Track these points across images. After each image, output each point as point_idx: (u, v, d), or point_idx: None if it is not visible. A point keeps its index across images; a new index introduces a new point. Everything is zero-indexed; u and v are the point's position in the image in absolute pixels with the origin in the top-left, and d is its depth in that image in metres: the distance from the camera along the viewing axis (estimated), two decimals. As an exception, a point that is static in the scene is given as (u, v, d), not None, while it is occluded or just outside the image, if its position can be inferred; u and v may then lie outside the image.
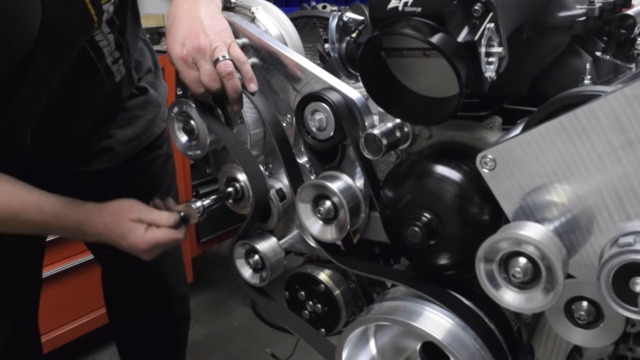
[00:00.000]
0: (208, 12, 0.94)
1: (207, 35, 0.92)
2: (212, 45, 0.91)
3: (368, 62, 0.71)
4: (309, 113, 0.86)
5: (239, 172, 0.97)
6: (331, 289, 1.00)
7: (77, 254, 2.02)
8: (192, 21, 0.93)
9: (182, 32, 0.93)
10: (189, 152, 0.99)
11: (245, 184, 0.97)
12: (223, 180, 1.00)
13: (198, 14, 0.93)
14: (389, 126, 0.81)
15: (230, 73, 0.91)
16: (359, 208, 0.84)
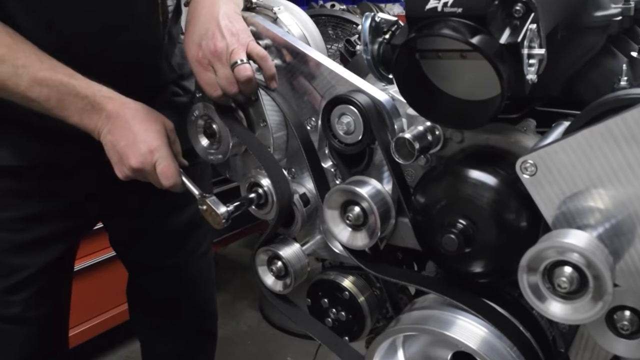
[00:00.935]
0: (227, 12, 0.92)
1: (224, 37, 0.89)
2: (229, 48, 0.89)
3: (403, 65, 0.69)
4: (336, 116, 0.84)
5: (262, 177, 0.94)
6: (356, 296, 0.98)
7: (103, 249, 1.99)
8: (210, 21, 0.91)
9: (199, 32, 0.91)
10: (210, 157, 0.97)
11: (268, 189, 0.94)
12: (246, 186, 0.97)
13: (216, 13, 0.91)
14: (420, 129, 0.79)
15: (248, 79, 0.88)
16: (389, 213, 0.82)
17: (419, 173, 0.86)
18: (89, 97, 0.96)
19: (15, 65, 0.94)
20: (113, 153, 0.96)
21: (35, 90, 0.94)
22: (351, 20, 2.03)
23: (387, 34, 0.73)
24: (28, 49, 0.96)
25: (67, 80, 0.95)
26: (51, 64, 0.96)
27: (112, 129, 0.95)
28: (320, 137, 0.92)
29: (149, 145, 0.94)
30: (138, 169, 0.95)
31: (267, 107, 0.92)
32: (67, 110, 0.96)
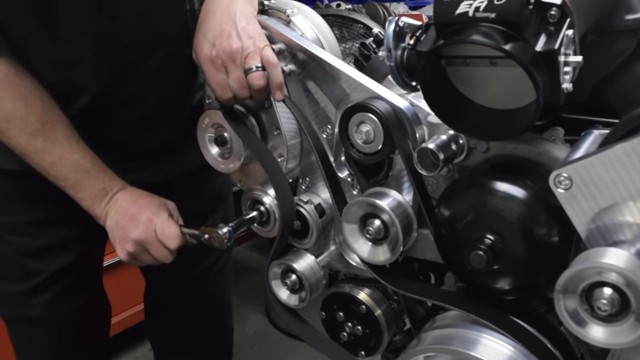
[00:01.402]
0: (244, 13, 0.88)
1: (240, 39, 0.86)
2: (245, 51, 0.85)
3: (429, 73, 0.65)
4: (355, 124, 0.80)
5: (264, 194, 0.91)
6: (372, 309, 0.94)
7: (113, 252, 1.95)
8: (227, 20, 0.87)
9: (213, 31, 0.87)
10: (221, 166, 0.93)
11: (270, 207, 0.90)
12: (247, 203, 0.94)
13: (234, 13, 0.88)
14: (444, 139, 0.75)
15: (261, 88, 0.86)
16: (411, 226, 0.78)
17: (440, 183, 0.82)
18: (104, 186, 1.00)
19: (46, 142, 0.96)
20: (117, 231, 0.99)
21: (57, 168, 0.98)
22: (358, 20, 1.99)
23: (411, 40, 0.69)
24: (59, 128, 0.97)
25: (89, 166, 0.99)
26: (78, 147, 0.98)
27: (117, 211, 0.99)
28: (337, 146, 0.88)
29: (148, 214, 0.97)
30: (139, 240, 0.97)
31: (281, 114, 0.89)
32: (81, 193, 1.00)
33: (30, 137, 0.96)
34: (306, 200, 0.90)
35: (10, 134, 0.96)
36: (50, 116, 0.97)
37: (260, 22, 0.89)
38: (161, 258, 0.99)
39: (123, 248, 1.00)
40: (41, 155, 0.97)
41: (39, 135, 0.96)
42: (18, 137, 0.96)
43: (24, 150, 0.97)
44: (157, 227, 0.97)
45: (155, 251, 0.98)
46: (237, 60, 0.86)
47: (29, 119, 0.95)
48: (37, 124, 0.95)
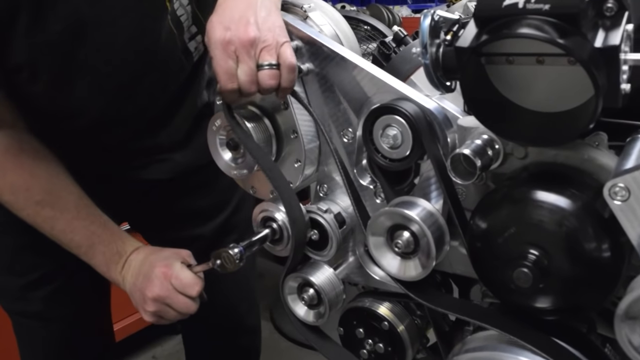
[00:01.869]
0: (266, 3, 0.80)
1: (259, 29, 0.77)
2: (262, 43, 0.77)
3: (472, 72, 0.59)
4: (380, 128, 0.74)
5: (275, 210, 0.85)
6: (395, 325, 0.88)
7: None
8: (246, 7, 0.79)
9: (231, 16, 0.79)
10: (234, 171, 0.87)
11: (283, 224, 0.84)
12: (258, 220, 0.87)
13: (255, 1, 0.80)
14: (479, 143, 0.69)
15: (271, 87, 0.78)
16: (443, 238, 0.72)
17: (470, 192, 0.76)
18: (118, 250, 0.98)
19: (54, 210, 0.95)
20: (135, 294, 0.97)
21: (68, 236, 0.97)
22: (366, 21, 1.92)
23: (447, 35, 0.63)
24: (66, 195, 0.97)
25: (100, 231, 0.98)
26: (88, 212, 0.98)
27: (132, 273, 0.98)
28: (358, 151, 0.82)
29: (161, 268, 0.95)
30: (157, 297, 0.94)
31: (299, 115, 0.82)
32: (94, 259, 0.99)
33: (38, 207, 0.95)
34: (325, 209, 0.84)
35: (18, 205, 0.96)
36: (56, 184, 0.97)
37: None
38: (185, 309, 0.96)
39: (144, 310, 0.97)
40: (51, 223, 0.96)
41: (46, 204, 0.96)
42: (26, 208, 0.96)
43: (33, 220, 0.97)
44: (173, 279, 0.94)
45: (177, 304, 0.95)
46: (252, 51, 0.78)
47: (34, 189, 0.95)
48: (43, 193, 0.95)
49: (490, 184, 0.74)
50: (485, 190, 0.75)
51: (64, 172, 0.99)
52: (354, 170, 0.83)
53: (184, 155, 1.11)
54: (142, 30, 0.96)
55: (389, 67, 0.90)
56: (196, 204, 1.14)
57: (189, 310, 0.96)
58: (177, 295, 0.94)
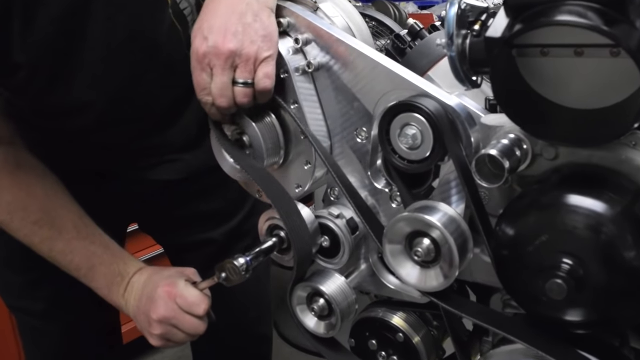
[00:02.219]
0: (254, 8, 0.74)
1: (239, 39, 0.72)
2: (239, 58, 0.73)
3: (505, 65, 0.53)
4: (398, 127, 0.69)
5: None
6: (410, 337, 0.83)
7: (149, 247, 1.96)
8: (230, 13, 0.74)
9: (211, 24, 0.74)
10: (239, 175, 0.82)
11: None
12: (265, 229, 0.82)
13: (238, 3, 0.74)
14: (506, 144, 0.64)
15: (245, 105, 0.75)
16: (466, 246, 0.67)
17: (494, 195, 0.71)
18: (120, 271, 0.94)
19: (52, 230, 0.92)
20: (139, 317, 0.93)
21: (67, 257, 0.93)
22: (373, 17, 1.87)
23: (475, 25, 0.58)
24: (65, 215, 0.93)
25: (101, 252, 0.94)
26: (88, 232, 0.94)
27: (135, 296, 0.94)
28: (373, 151, 0.77)
29: (164, 288, 0.90)
30: (162, 319, 0.90)
31: (309, 114, 0.77)
32: (95, 282, 0.95)
33: (35, 227, 0.92)
34: (337, 214, 0.79)
35: (14, 226, 0.93)
36: (55, 203, 0.93)
37: (284, 9, 0.77)
38: (193, 330, 0.91)
39: (150, 333, 0.92)
40: (49, 245, 0.93)
41: (43, 224, 0.92)
42: (23, 229, 0.93)
43: (30, 241, 0.93)
44: (178, 299, 0.90)
45: (184, 325, 0.90)
46: (228, 64, 0.73)
47: (31, 208, 0.91)
48: (41, 213, 0.92)
49: (516, 188, 0.69)
50: (511, 194, 0.70)
51: (63, 191, 0.96)
52: (367, 172, 0.78)
53: (196, 156, 1.07)
54: (141, 26, 0.91)
55: (404, 63, 0.85)
56: (208, 207, 1.09)
57: (198, 331, 0.91)
58: (184, 315, 0.89)
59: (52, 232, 0.92)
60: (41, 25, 0.82)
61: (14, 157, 0.92)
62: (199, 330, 0.91)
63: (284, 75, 0.77)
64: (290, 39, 0.78)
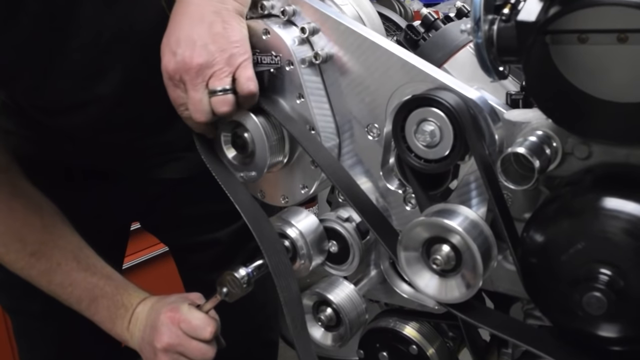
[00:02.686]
0: (223, 16, 0.68)
1: (208, 51, 0.67)
2: (211, 68, 0.68)
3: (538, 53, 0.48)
4: (414, 123, 0.63)
5: (287, 225, 0.74)
6: (424, 349, 0.77)
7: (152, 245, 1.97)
8: (196, 23, 0.68)
9: (178, 36, 0.69)
10: (240, 174, 0.76)
11: (297, 240, 0.73)
12: None
13: (208, 12, 0.68)
14: (534, 141, 0.58)
15: (227, 114, 0.70)
16: (490, 252, 0.61)
17: (518, 198, 0.65)
18: (123, 303, 0.90)
19: (49, 262, 0.88)
20: (144, 349, 0.88)
21: (67, 290, 0.89)
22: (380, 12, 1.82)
23: (504, 8, 0.52)
24: (63, 245, 0.89)
25: (102, 283, 0.90)
26: (88, 264, 0.90)
27: (139, 327, 0.89)
28: (386, 149, 0.71)
29: (167, 314, 0.85)
30: (167, 347, 0.85)
31: (316, 110, 0.71)
32: (98, 315, 0.90)
33: (33, 259, 0.88)
34: (345, 217, 0.73)
35: (9, 258, 0.88)
36: (52, 233, 0.89)
37: None
38: (200, 356, 0.85)
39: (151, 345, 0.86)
40: (47, 277, 0.89)
41: (41, 256, 0.88)
42: (19, 261, 0.88)
43: (27, 274, 0.89)
44: (182, 324, 0.84)
45: (191, 351, 0.84)
46: (199, 78, 0.68)
47: (27, 239, 0.87)
48: (38, 244, 0.88)
49: (542, 189, 0.64)
50: (536, 197, 0.65)
51: (62, 221, 0.91)
52: (379, 172, 0.72)
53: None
54: (132, 27, 0.85)
55: (417, 55, 0.79)
56: (213, 206, 1.04)
57: (206, 357, 0.85)
58: (189, 340, 0.84)
59: (49, 263, 0.88)
60: (23, 24, 0.77)
61: (9, 186, 0.88)
62: (207, 356, 0.85)
63: (288, 67, 0.71)
64: (296, 28, 0.72)
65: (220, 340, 0.88)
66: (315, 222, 0.74)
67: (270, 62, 0.72)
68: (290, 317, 0.70)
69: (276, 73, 0.72)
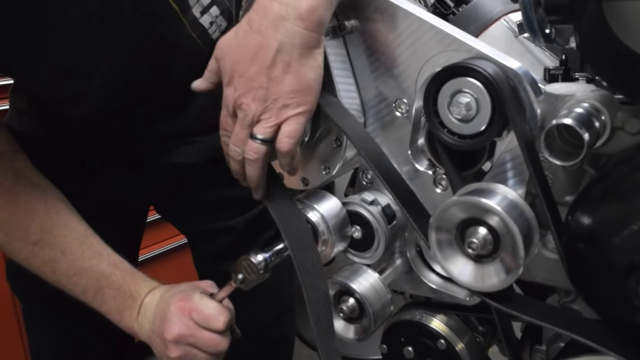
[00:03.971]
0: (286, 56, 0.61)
1: (260, 96, 0.62)
2: (259, 114, 0.63)
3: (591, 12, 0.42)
4: (448, 95, 0.58)
5: (308, 208, 0.69)
6: (453, 344, 0.72)
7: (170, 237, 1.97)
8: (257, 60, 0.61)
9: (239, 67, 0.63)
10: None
11: (318, 224, 0.68)
12: None
13: (269, 49, 0.61)
14: (581, 112, 0.52)
15: (254, 160, 0.66)
16: (532, 236, 0.55)
17: (559, 178, 0.60)
18: (131, 292, 0.86)
19: (54, 251, 0.85)
20: (154, 341, 0.84)
21: (72, 279, 0.86)
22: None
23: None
24: (68, 234, 0.86)
25: (109, 272, 0.86)
26: (94, 252, 0.87)
27: (148, 318, 0.85)
28: (415, 127, 0.66)
29: (177, 303, 0.81)
30: (177, 338, 0.80)
31: (340, 85, 0.66)
32: (105, 306, 0.87)
33: (36, 248, 0.85)
34: (370, 200, 0.68)
35: (12, 247, 0.86)
36: (56, 221, 0.86)
37: None
38: (214, 347, 0.80)
39: (167, 357, 0.82)
40: (52, 267, 0.85)
41: (45, 244, 0.85)
42: (23, 250, 0.86)
43: (32, 264, 0.86)
44: (193, 313, 0.80)
45: (203, 342, 0.80)
46: (248, 118, 0.64)
47: (30, 228, 0.85)
48: (41, 232, 0.85)
49: (587, 169, 0.58)
50: (580, 178, 0.59)
51: (66, 207, 0.88)
52: (407, 152, 0.67)
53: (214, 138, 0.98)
54: (118, 12, 0.81)
55: (454, 21, 0.75)
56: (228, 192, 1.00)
57: (219, 348, 0.80)
58: (201, 331, 0.79)
59: (53, 252, 0.85)
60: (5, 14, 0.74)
61: (13, 174, 0.86)
62: (220, 347, 0.80)
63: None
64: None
65: (235, 330, 0.83)
66: (338, 205, 0.69)
67: (291, 33, 0.67)
68: (315, 318, 0.65)
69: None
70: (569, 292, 0.66)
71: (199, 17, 0.87)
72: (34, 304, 1.08)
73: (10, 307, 1.73)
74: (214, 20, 0.88)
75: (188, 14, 0.86)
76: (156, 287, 0.87)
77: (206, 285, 0.85)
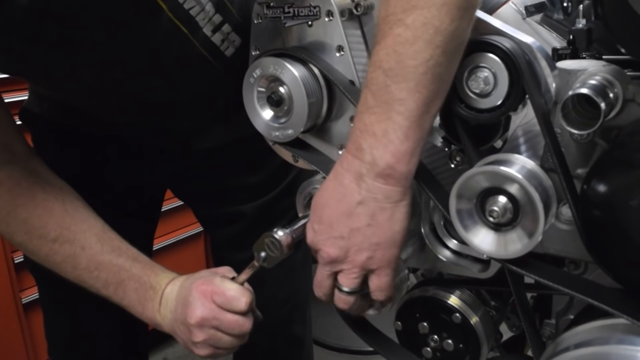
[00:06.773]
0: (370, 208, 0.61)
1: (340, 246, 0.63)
2: (341, 264, 0.65)
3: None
4: (466, 70, 0.59)
5: None
6: (468, 317, 0.74)
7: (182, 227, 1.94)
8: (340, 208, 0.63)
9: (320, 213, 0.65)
10: (275, 133, 0.72)
11: None
12: (304, 201, 0.75)
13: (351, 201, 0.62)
14: (595, 83, 0.54)
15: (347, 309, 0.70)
16: (550, 203, 0.57)
17: (570, 151, 0.62)
18: (151, 284, 0.87)
19: (73, 247, 0.86)
20: (178, 329, 0.85)
21: (93, 274, 0.87)
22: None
23: None
24: (86, 229, 0.87)
25: (128, 265, 0.87)
26: (113, 246, 0.88)
27: (170, 308, 0.86)
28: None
29: (198, 287, 0.82)
30: (200, 321, 0.80)
31: (357, 59, 0.68)
32: (127, 299, 0.87)
33: (56, 245, 0.86)
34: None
35: (32, 246, 0.87)
36: (75, 217, 0.87)
37: None
38: (237, 329, 0.81)
39: (193, 343, 0.83)
40: (72, 262, 0.86)
41: (64, 241, 0.86)
42: (42, 248, 0.86)
43: (52, 261, 0.87)
44: (215, 296, 0.80)
45: (227, 324, 0.80)
46: (327, 267, 0.66)
47: (49, 225, 0.85)
48: (60, 229, 0.86)
49: (599, 142, 0.60)
50: (591, 151, 0.61)
51: (83, 205, 0.89)
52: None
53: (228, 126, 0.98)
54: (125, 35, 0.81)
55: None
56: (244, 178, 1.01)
57: (243, 329, 0.81)
58: (224, 313, 0.80)
59: (73, 248, 0.86)
60: None
61: (30, 174, 0.87)
62: (243, 328, 0.81)
63: (328, 19, 0.67)
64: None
65: (256, 313, 0.84)
66: None
67: (308, 14, 0.69)
68: None
69: (313, 25, 0.69)
70: (578, 264, 0.68)
71: (210, 36, 0.87)
72: (51, 288, 1.07)
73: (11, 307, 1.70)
74: (225, 37, 0.88)
75: (197, 34, 0.86)
76: (175, 278, 0.88)
77: (224, 271, 0.85)
